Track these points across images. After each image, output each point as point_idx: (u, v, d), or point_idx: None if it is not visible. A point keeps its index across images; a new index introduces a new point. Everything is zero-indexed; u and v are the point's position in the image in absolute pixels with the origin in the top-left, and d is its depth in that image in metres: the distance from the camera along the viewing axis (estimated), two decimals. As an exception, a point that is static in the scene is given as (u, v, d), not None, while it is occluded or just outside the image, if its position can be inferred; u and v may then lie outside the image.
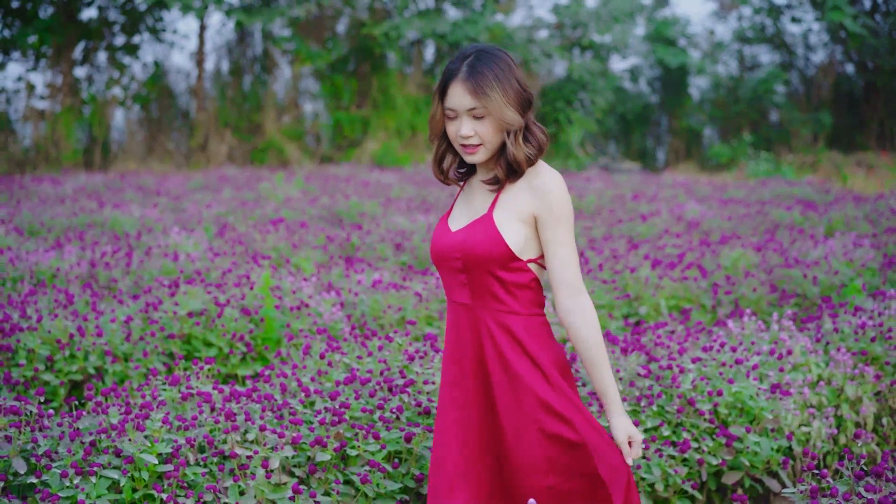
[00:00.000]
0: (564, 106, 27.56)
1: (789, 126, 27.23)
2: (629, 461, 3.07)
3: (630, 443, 3.10)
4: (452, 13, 26.94)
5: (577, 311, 3.05)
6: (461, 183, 3.35)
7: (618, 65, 30.09)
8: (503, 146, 3.12)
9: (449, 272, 3.19)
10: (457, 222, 3.24)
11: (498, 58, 3.10)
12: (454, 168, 3.32)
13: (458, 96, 3.08)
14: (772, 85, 27.51)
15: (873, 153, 25.33)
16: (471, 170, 3.31)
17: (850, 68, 29.16)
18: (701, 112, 29.39)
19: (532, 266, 3.14)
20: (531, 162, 3.12)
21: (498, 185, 3.14)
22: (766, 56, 29.93)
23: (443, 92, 3.14)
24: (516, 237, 3.08)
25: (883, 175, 21.94)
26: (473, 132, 3.08)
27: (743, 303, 7.79)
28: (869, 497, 3.20)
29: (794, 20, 28.15)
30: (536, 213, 3.09)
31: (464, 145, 3.13)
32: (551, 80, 28.80)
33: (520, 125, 3.11)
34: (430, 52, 27.85)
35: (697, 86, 30.36)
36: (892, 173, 21.98)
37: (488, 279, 3.10)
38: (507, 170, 3.12)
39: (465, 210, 3.25)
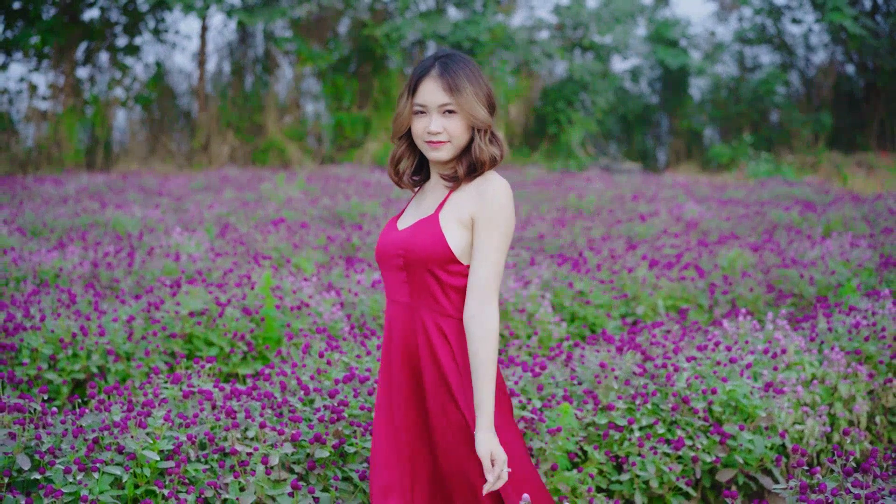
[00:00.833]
0: (565, 106, 27.61)
1: (790, 126, 27.27)
2: (489, 477, 2.97)
3: (493, 462, 2.99)
4: (454, 14, 26.99)
5: (479, 319, 3.01)
6: (415, 189, 3.36)
7: (619, 65, 30.10)
8: (467, 148, 3.15)
9: (390, 270, 3.20)
10: (405, 222, 3.25)
11: (469, 60, 3.17)
12: (408, 173, 3.33)
13: (431, 92, 3.11)
14: (772, 85, 27.55)
15: (873, 153, 25.37)
16: (425, 176, 3.34)
17: (850, 69, 29.20)
18: (702, 112, 29.42)
19: None
20: (494, 163, 3.15)
21: (455, 181, 3.16)
22: (766, 57, 29.98)
23: (413, 88, 3.17)
24: (458, 240, 3.09)
25: (883, 175, 21.99)
26: (442, 128, 3.11)
27: (740, 302, 7.85)
28: (856, 493, 3.26)
29: (795, 21, 28.19)
30: (476, 215, 3.08)
31: (430, 142, 3.14)
32: (552, 81, 28.85)
33: (488, 125, 3.15)
34: (431, 54, 27.91)
35: (698, 86, 30.40)
36: (892, 174, 22.03)
37: (427, 278, 3.11)
38: (468, 168, 3.15)
39: (414, 211, 3.27)
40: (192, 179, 18.51)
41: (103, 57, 25.09)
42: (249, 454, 3.90)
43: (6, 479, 3.61)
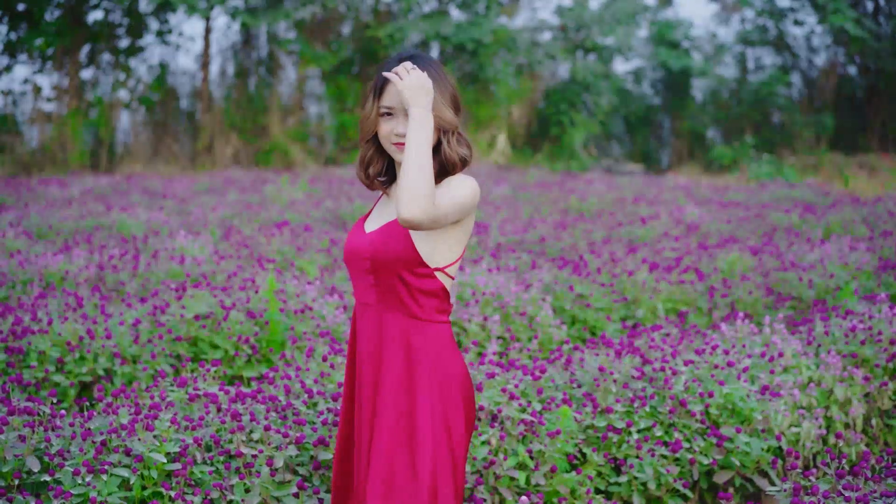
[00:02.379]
0: (567, 108, 27.66)
1: (791, 128, 27.31)
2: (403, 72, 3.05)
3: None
4: (456, 15, 27.06)
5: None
6: (386, 189, 3.32)
7: (621, 67, 30.15)
8: (435, 149, 3.13)
9: (358, 273, 3.19)
10: (372, 225, 3.25)
11: (434, 61, 3.16)
12: (376, 175, 3.31)
13: (397, 94, 3.10)
14: (774, 87, 27.58)
15: (875, 155, 25.40)
16: (392, 177, 3.32)
17: (852, 70, 29.23)
18: (704, 114, 29.46)
19: (439, 275, 3.14)
20: (465, 163, 3.16)
21: None
22: (768, 58, 30.01)
23: (379, 91, 3.16)
24: (426, 243, 3.08)
25: (884, 177, 22.02)
26: None
27: (739, 306, 7.92)
28: (847, 495, 3.33)
29: (797, 23, 28.23)
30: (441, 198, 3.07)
31: (398, 143, 3.13)
32: (555, 82, 28.91)
33: (455, 126, 3.15)
34: (434, 55, 27.98)
35: (700, 87, 30.43)
36: (893, 175, 22.06)
37: (395, 281, 3.10)
38: (440, 170, 3.13)
39: (383, 214, 3.26)
40: (196, 181, 18.58)
41: (107, 59, 25.17)
42: (254, 456, 3.98)
43: (16, 481, 3.69)
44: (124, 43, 25.22)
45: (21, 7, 23.21)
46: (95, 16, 24.91)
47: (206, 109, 25.31)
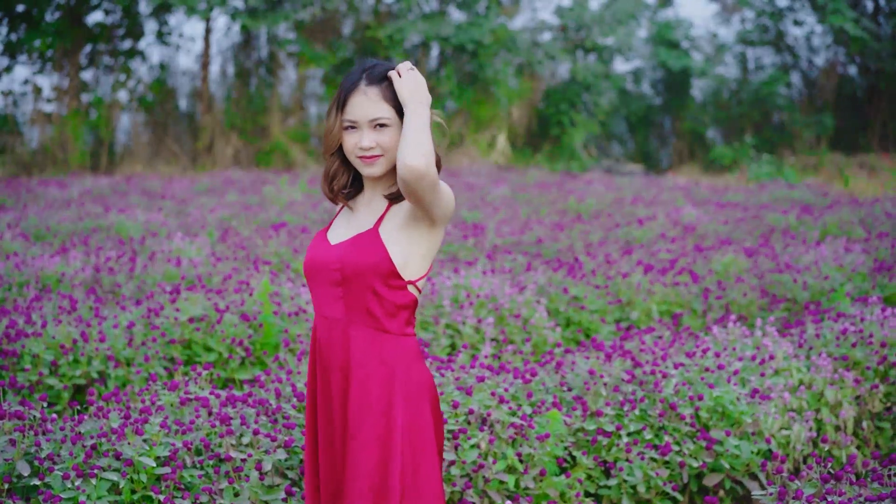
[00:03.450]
0: (568, 108, 27.69)
1: (792, 128, 27.32)
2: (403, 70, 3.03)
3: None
4: (456, 16, 27.08)
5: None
6: (349, 202, 3.25)
7: (621, 67, 30.18)
8: None
9: (324, 285, 3.12)
10: (337, 237, 3.17)
11: (392, 67, 3.09)
12: (341, 188, 3.24)
13: (360, 106, 3.05)
14: (774, 87, 27.59)
15: (876, 155, 25.41)
16: (356, 189, 3.25)
17: (852, 70, 29.24)
18: (704, 114, 29.47)
19: (411, 288, 3.09)
20: (439, 165, 3.07)
21: (401, 198, 3.08)
22: (768, 58, 30.02)
23: (343, 104, 3.09)
24: (400, 253, 3.03)
25: (885, 177, 22.03)
26: (375, 143, 3.04)
27: (734, 307, 7.93)
28: (830, 499, 3.35)
29: (797, 23, 28.25)
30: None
31: (363, 157, 3.08)
32: (555, 82, 28.94)
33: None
34: (434, 55, 28.01)
35: (700, 87, 30.45)
36: (893, 175, 22.06)
37: (367, 294, 3.04)
38: None
39: (347, 226, 3.18)
40: (196, 182, 18.61)
41: (107, 59, 25.20)
42: (244, 460, 4.01)
43: (6, 485, 3.71)
44: (124, 44, 25.25)
45: (21, 8, 23.24)
46: (95, 17, 24.96)
47: (206, 110, 25.34)
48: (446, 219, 3.09)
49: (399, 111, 3.05)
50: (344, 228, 3.19)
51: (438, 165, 3.06)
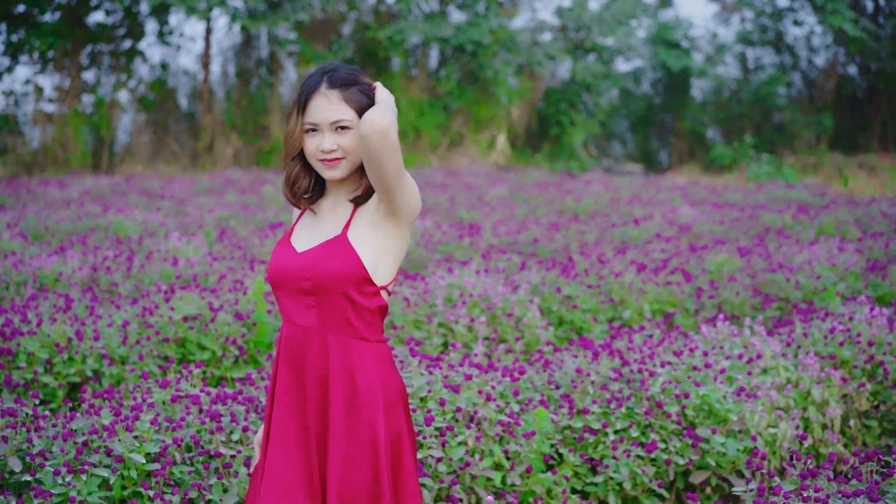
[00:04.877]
0: (567, 108, 27.76)
1: (792, 128, 27.37)
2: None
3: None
4: (456, 16, 27.15)
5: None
6: (311, 206, 3.19)
7: (621, 66, 30.22)
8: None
9: (293, 294, 3.05)
10: (303, 244, 3.10)
11: (358, 72, 3.07)
12: (303, 192, 3.17)
13: (321, 109, 3.01)
14: (774, 87, 27.64)
15: (875, 155, 25.46)
16: (318, 193, 3.19)
17: (852, 70, 29.28)
18: (704, 114, 29.53)
19: (383, 293, 3.06)
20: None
21: (366, 201, 3.06)
22: (768, 58, 30.07)
23: (303, 106, 3.04)
24: (371, 258, 3.00)
25: (884, 177, 22.09)
26: (336, 146, 3.00)
27: (726, 307, 7.98)
28: (805, 495, 3.41)
29: (797, 23, 28.29)
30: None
31: (324, 160, 3.03)
32: (554, 83, 28.99)
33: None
34: (434, 56, 28.08)
35: (700, 87, 30.51)
36: (893, 175, 22.12)
37: (341, 302, 3.00)
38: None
39: (312, 232, 3.12)
40: (196, 182, 18.68)
41: (108, 59, 25.28)
42: (233, 456, 4.06)
43: (-2, 481, 3.77)
44: (125, 44, 25.33)
45: (21, 8, 23.31)
46: (96, 17, 25.03)
47: (206, 110, 25.42)
48: (411, 215, 3.04)
49: (361, 116, 3.01)
50: (309, 235, 3.12)
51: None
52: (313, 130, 3.03)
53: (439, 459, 4.33)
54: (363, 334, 3.03)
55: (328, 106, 3.00)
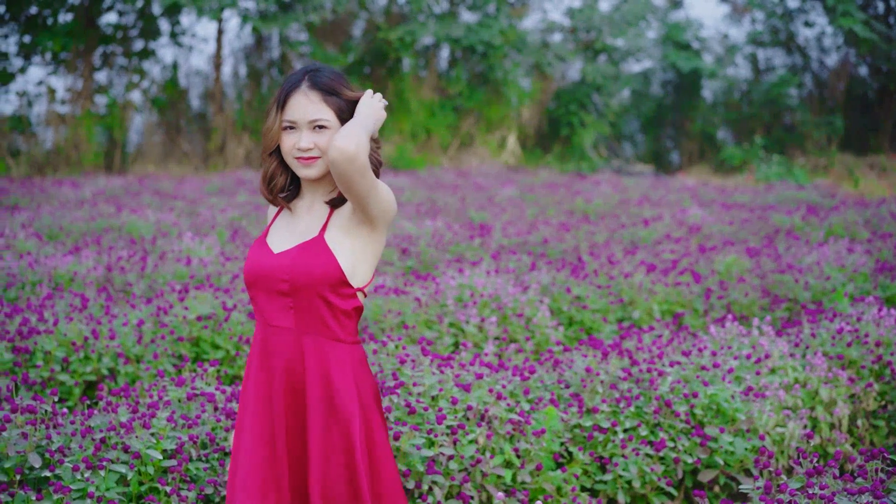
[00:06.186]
0: (578, 109, 27.78)
1: (802, 129, 27.35)
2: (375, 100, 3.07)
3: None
4: (467, 17, 27.20)
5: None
6: (288, 205, 3.21)
7: (631, 67, 30.22)
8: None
9: (270, 295, 3.06)
10: (280, 245, 3.11)
11: (338, 73, 3.10)
12: (279, 190, 3.20)
13: (301, 107, 3.03)
14: (785, 88, 27.62)
15: (886, 156, 25.42)
16: (294, 192, 3.22)
17: (863, 71, 29.24)
18: (714, 115, 29.52)
19: (359, 295, 3.08)
20: (374, 174, 3.04)
21: (341, 203, 3.08)
22: (779, 59, 30.04)
23: (283, 104, 3.07)
24: (348, 261, 3.02)
25: (894, 178, 22.06)
26: (313, 144, 3.02)
27: (735, 307, 8.02)
28: (812, 492, 3.46)
29: (807, 24, 28.27)
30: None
31: (301, 158, 3.05)
32: (565, 83, 29.03)
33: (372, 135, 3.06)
34: (444, 57, 28.14)
35: (711, 88, 30.49)
36: (903, 176, 22.12)
37: (318, 303, 3.01)
38: None
39: (289, 233, 3.14)
40: (208, 182, 18.77)
41: (120, 61, 25.39)
42: (248, 453, 4.13)
43: (18, 476, 3.84)
44: (137, 45, 25.44)
45: (34, 10, 23.44)
46: (109, 18, 25.13)
47: (218, 110, 25.51)
48: (386, 220, 3.07)
49: (339, 117, 3.05)
50: (285, 235, 3.14)
51: (377, 169, 3.10)
52: (291, 128, 3.06)
53: (451, 457, 4.39)
54: (339, 336, 3.05)
55: (308, 105, 3.03)
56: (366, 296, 3.16)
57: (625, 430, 4.96)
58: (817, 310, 7.18)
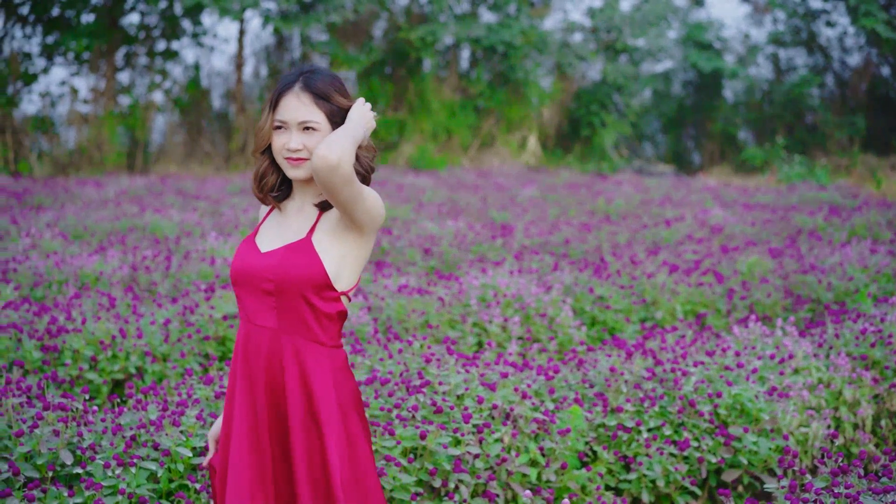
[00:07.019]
0: (598, 109, 27.77)
1: (824, 129, 27.24)
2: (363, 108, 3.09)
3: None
4: (487, 17, 27.22)
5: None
6: (279, 205, 3.21)
7: (652, 67, 30.17)
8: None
9: (254, 294, 3.06)
10: (267, 244, 3.12)
11: (333, 75, 3.10)
12: (270, 189, 3.19)
13: (292, 108, 3.04)
14: (807, 88, 27.52)
15: (908, 157, 25.31)
16: (285, 192, 3.21)
17: (885, 71, 29.10)
18: (735, 115, 29.44)
19: (343, 299, 3.07)
20: (364, 180, 3.07)
21: (331, 207, 3.07)
22: (801, 59, 29.93)
23: (276, 103, 3.08)
24: (333, 264, 3.01)
25: (917, 179, 21.96)
26: (302, 146, 3.02)
27: (757, 308, 8.03)
28: (836, 492, 3.48)
29: (829, 24, 28.16)
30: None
31: (290, 158, 3.05)
32: (585, 84, 29.01)
33: (365, 140, 3.08)
34: (465, 57, 28.17)
35: (732, 88, 30.41)
36: (926, 177, 22.00)
37: (301, 305, 3.00)
38: None
39: (277, 233, 3.14)
40: (229, 182, 18.85)
41: (143, 61, 25.53)
42: (275, 451, 4.17)
43: (50, 473, 3.89)
44: (160, 45, 25.58)
45: (57, 10, 23.60)
46: (131, 19, 25.25)
47: (239, 110, 25.61)
48: (374, 226, 3.07)
49: (330, 120, 3.06)
50: (274, 235, 3.15)
51: (367, 175, 3.11)
52: (282, 128, 3.06)
53: (476, 456, 4.42)
54: (320, 339, 3.04)
55: (299, 106, 3.03)
56: (350, 300, 3.13)
57: (649, 430, 4.98)
58: (840, 310, 7.17)
